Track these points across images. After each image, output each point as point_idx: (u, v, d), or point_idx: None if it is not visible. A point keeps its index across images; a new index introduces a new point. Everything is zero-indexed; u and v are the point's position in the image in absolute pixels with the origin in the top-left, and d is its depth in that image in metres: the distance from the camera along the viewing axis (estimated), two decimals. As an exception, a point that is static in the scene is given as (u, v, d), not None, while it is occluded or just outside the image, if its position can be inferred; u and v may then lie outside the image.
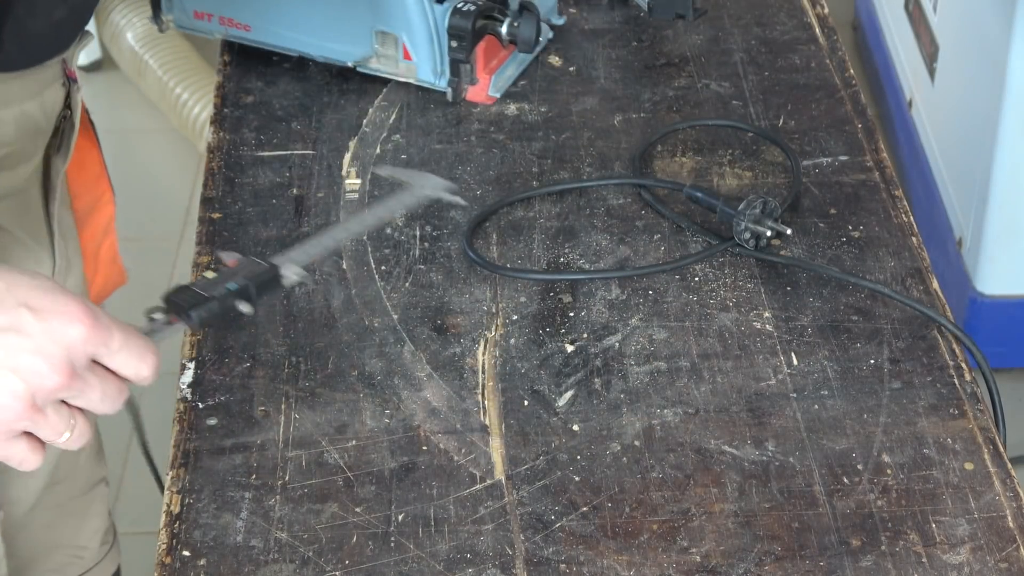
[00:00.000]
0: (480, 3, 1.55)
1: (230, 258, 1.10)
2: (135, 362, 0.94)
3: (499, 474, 1.16)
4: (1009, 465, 1.17)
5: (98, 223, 1.43)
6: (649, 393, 1.23)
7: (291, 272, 1.10)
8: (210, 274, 1.09)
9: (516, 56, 1.64)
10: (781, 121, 1.56)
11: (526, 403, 1.23)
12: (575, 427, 1.20)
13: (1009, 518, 1.12)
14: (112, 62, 3.42)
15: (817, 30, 1.72)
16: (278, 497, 1.14)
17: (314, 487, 1.15)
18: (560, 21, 1.71)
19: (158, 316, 1.03)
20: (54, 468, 1.46)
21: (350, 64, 1.61)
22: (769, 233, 1.36)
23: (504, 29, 1.56)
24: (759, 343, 1.28)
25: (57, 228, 1.34)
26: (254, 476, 1.16)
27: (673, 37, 1.71)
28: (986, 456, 1.17)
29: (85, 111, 1.39)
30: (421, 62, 1.58)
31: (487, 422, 1.21)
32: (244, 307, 1.06)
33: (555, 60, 1.66)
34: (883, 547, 1.10)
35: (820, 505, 1.13)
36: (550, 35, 1.69)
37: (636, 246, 1.39)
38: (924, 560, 1.09)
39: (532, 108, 1.59)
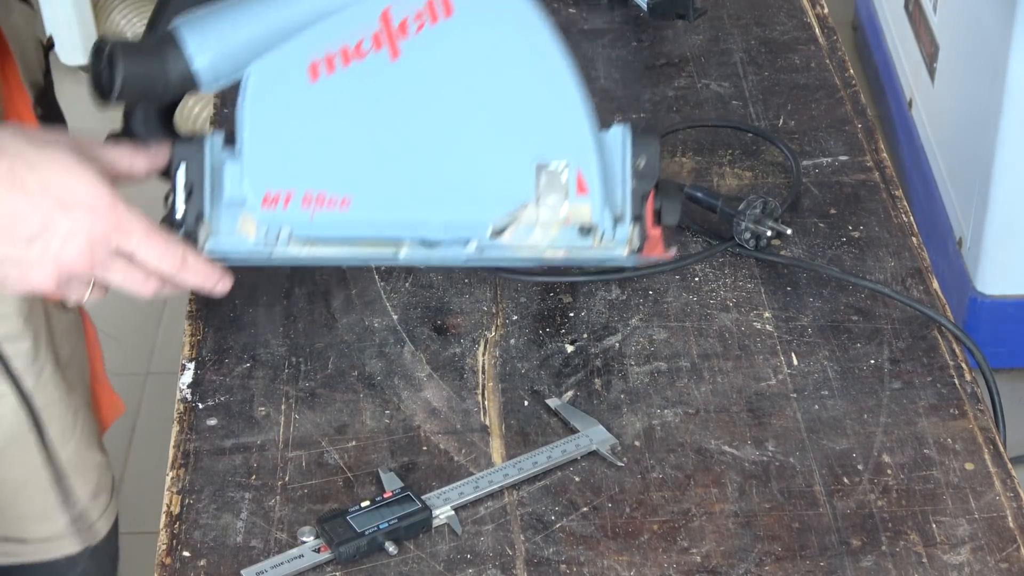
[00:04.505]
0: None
1: (391, 485, 1.13)
2: (156, 256, 1.10)
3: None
4: (1009, 465, 1.17)
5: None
6: (649, 393, 1.23)
7: (443, 514, 1.11)
8: (366, 503, 1.11)
9: None
10: (781, 121, 1.56)
11: (526, 403, 1.23)
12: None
13: (1009, 518, 1.12)
14: (112, 62, 3.42)
15: (817, 30, 1.72)
16: (278, 497, 1.14)
17: (314, 487, 1.15)
18: None
19: (308, 539, 1.09)
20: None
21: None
22: (769, 233, 1.36)
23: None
24: (759, 343, 1.28)
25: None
26: (254, 476, 1.16)
27: (673, 37, 1.71)
28: (986, 456, 1.17)
29: None
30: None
31: (487, 422, 1.21)
32: (390, 547, 1.09)
33: (555, 60, 1.66)
34: (883, 547, 1.10)
35: (820, 505, 1.13)
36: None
37: (636, 246, 1.39)
38: (924, 560, 1.09)
39: (532, 108, 1.59)
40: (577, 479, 1.16)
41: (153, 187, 1.17)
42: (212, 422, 1.21)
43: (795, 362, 1.26)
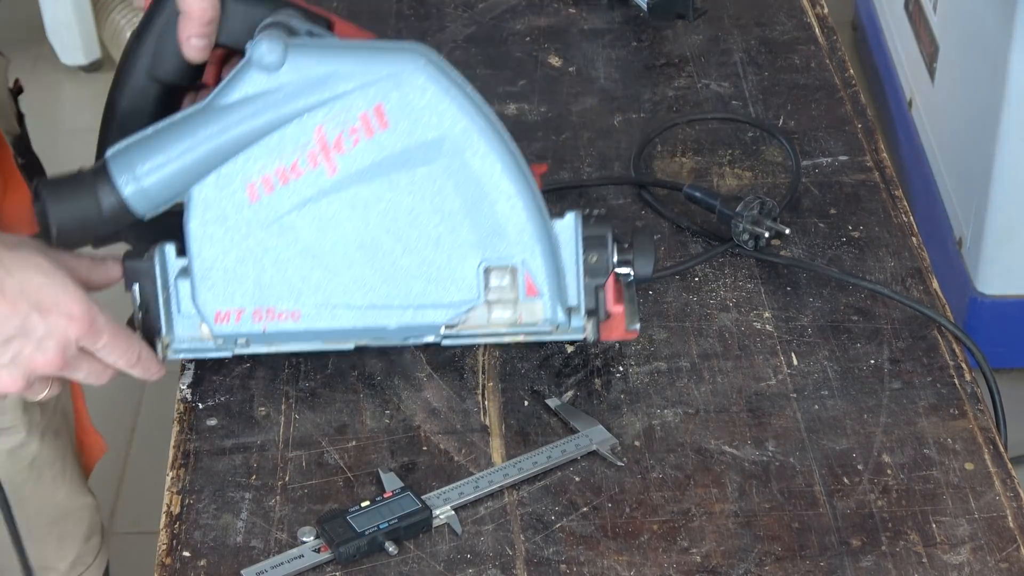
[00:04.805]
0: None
1: (391, 485, 1.13)
2: (116, 356, 1.12)
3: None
4: (1009, 465, 1.17)
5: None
6: (649, 393, 1.23)
7: (443, 514, 1.12)
8: (366, 503, 1.11)
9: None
10: (781, 121, 1.56)
11: (526, 403, 1.23)
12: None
13: (1009, 518, 1.12)
14: (112, 62, 3.42)
15: (817, 30, 1.72)
16: (278, 497, 1.14)
17: (314, 487, 1.15)
18: None
19: (308, 539, 1.10)
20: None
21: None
22: (767, 234, 1.36)
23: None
24: (759, 343, 1.28)
25: None
26: (254, 476, 1.16)
27: (673, 37, 1.71)
28: (986, 456, 1.17)
29: None
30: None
31: (487, 422, 1.21)
32: (390, 547, 1.09)
33: (555, 60, 1.66)
34: (883, 547, 1.10)
35: (820, 505, 1.13)
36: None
37: (636, 246, 1.39)
38: (924, 560, 1.09)
39: (532, 108, 1.59)
40: (577, 479, 1.16)
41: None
42: (212, 422, 1.21)
43: (795, 362, 1.26)
